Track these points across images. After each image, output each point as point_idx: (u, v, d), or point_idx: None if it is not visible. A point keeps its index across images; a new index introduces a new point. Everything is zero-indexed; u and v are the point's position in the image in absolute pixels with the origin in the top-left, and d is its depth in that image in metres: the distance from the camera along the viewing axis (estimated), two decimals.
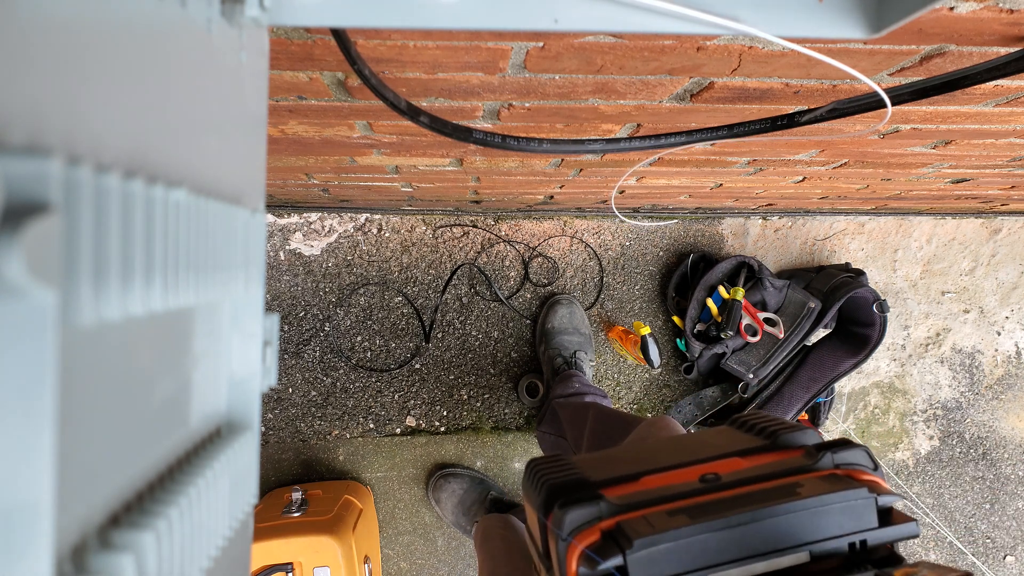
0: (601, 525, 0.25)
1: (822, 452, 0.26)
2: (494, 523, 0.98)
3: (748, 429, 0.31)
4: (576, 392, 1.08)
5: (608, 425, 0.85)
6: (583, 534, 0.25)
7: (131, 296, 0.13)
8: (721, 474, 0.26)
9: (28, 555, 0.10)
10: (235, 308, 0.22)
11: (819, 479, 0.25)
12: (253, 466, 0.22)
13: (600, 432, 0.86)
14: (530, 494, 0.30)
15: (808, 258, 1.36)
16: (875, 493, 0.24)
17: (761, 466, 0.27)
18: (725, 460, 0.27)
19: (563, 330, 1.21)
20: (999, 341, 1.44)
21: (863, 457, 0.26)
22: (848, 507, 0.23)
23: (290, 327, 1.22)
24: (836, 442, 0.26)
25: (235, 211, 0.19)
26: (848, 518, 0.23)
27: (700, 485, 0.26)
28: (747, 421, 0.31)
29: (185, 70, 0.18)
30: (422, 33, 0.40)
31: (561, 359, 1.18)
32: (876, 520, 0.24)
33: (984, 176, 0.94)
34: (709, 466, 0.27)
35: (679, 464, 0.28)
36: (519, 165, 0.81)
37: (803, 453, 0.27)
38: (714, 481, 0.26)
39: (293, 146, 0.69)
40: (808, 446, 0.27)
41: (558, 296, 1.26)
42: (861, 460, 0.26)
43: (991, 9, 0.37)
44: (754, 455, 0.27)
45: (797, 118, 0.40)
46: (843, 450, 0.26)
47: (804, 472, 0.26)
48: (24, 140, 0.11)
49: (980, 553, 1.45)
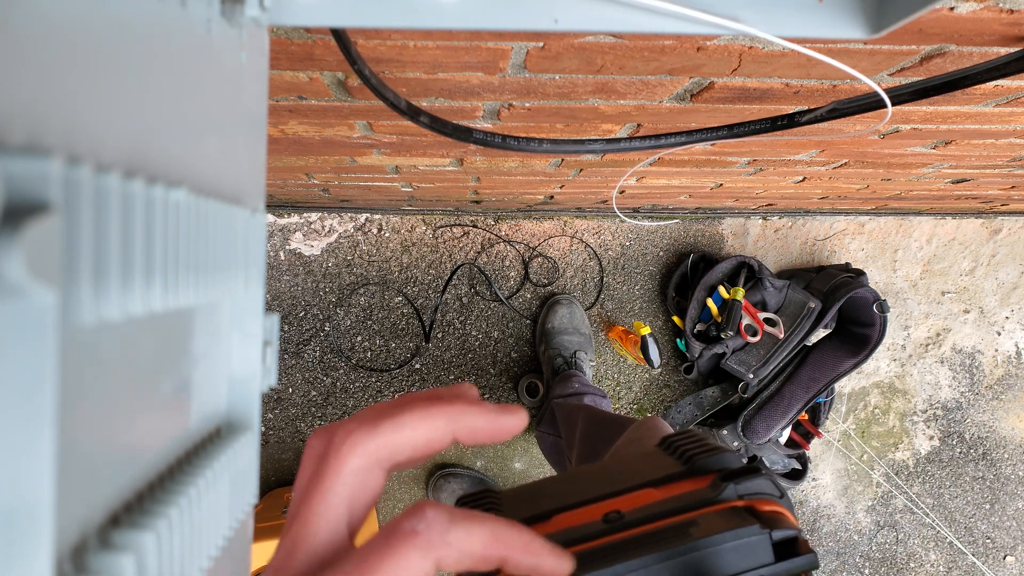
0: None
1: (726, 482, 0.24)
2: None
3: (672, 451, 0.29)
4: (575, 392, 1.08)
5: (599, 428, 0.85)
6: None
7: (131, 296, 0.13)
8: (624, 512, 0.25)
9: (28, 555, 0.10)
10: (235, 308, 0.22)
11: (716, 514, 0.24)
12: (253, 466, 0.22)
13: (591, 434, 0.86)
14: None
15: (808, 258, 1.36)
16: (771, 527, 0.23)
17: (666, 500, 0.25)
18: (638, 492, 0.26)
19: (563, 330, 1.21)
20: (999, 341, 1.44)
21: (767, 486, 0.24)
22: (740, 545, 0.22)
23: (290, 327, 1.22)
24: (743, 470, 0.25)
25: (235, 211, 0.19)
26: (742, 556, 0.22)
27: (602, 526, 0.24)
28: (674, 442, 0.29)
29: (185, 70, 0.18)
30: (422, 33, 0.40)
31: (561, 359, 1.18)
32: (771, 556, 0.23)
33: (984, 176, 0.94)
34: (617, 501, 0.26)
35: (592, 499, 0.26)
36: (519, 165, 0.81)
37: (710, 483, 0.25)
38: (616, 520, 0.24)
39: (293, 146, 0.69)
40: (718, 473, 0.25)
41: (558, 296, 1.26)
42: (765, 489, 0.24)
43: (991, 9, 0.37)
44: (668, 484, 0.26)
45: (797, 118, 0.40)
46: (747, 479, 0.24)
47: (706, 505, 0.25)
48: (24, 140, 0.11)
49: (980, 553, 1.45)
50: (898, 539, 1.43)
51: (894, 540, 1.43)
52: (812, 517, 1.41)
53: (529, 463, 1.30)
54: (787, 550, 0.23)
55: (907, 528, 1.44)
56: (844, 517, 1.42)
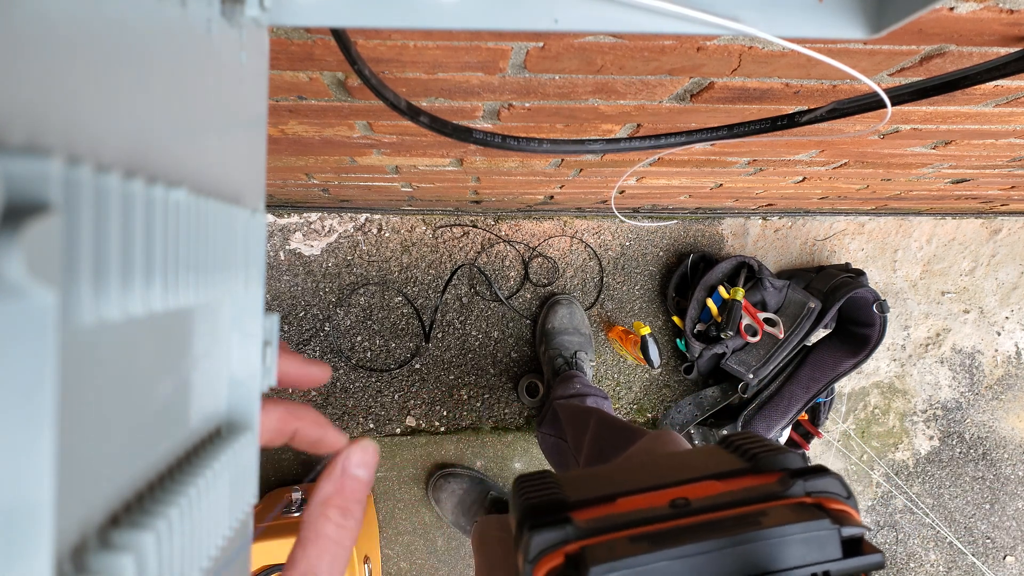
0: (566, 549, 0.25)
1: (795, 479, 0.25)
2: (491, 524, 0.98)
3: (734, 450, 0.30)
4: (577, 393, 1.08)
5: (611, 433, 0.85)
6: (548, 558, 0.25)
7: (131, 296, 0.13)
8: (691, 499, 0.26)
9: (28, 555, 0.10)
10: (235, 308, 0.22)
11: (786, 508, 0.25)
12: (253, 466, 0.22)
13: (602, 439, 0.86)
14: (512, 513, 0.31)
15: (808, 258, 1.36)
16: (840, 524, 0.24)
17: (733, 491, 0.27)
18: (701, 483, 0.27)
19: (563, 330, 1.21)
20: (999, 341, 1.44)
21: (836, 485, 0.25)
22: (810, 538, 0.23)
23: (290, 327, 1.22)
24: (811, 468, 0.26)
25: (235, 211, 0.20)
26: (810, 549, 0.23)
27: (669, 510, 0.25)
28: (734, 441, 0.31)
29: (185, 70, 0.18)
30: (422, 33, 0.40)
31: (562, 359, 1.18)
32: (840, 551, 0.24)
33: (984, 176, 0.94)
34: (682, 490, 0.27)
35: (655, 486, 0.27)
36: (519, 165, 0.81)
37: (778, 479, 0.26)
38: (683, 506, 0.25)
39: (293, 146, 0.69)
40: (785, 471, 0.26)
41: (558, 296, 1.26)
42: (833, 488, 0.25)
43: (991, 9, 0.37)
44: (732, 478, 0.27)
45: (797, 118, 0.40)
46: (816, 478, 0.26)
47: (774, 499, 0.25)
48: (24, 140, 0.11)
49: (980, 553, 1.45)
50: (898, 539, 1.43)
51: (894, 540, 1.43)
52: None
53: (529, 463, 1.30)
54: (854, 548, 0.24)
55: (907, 528, 1.44)
56: None
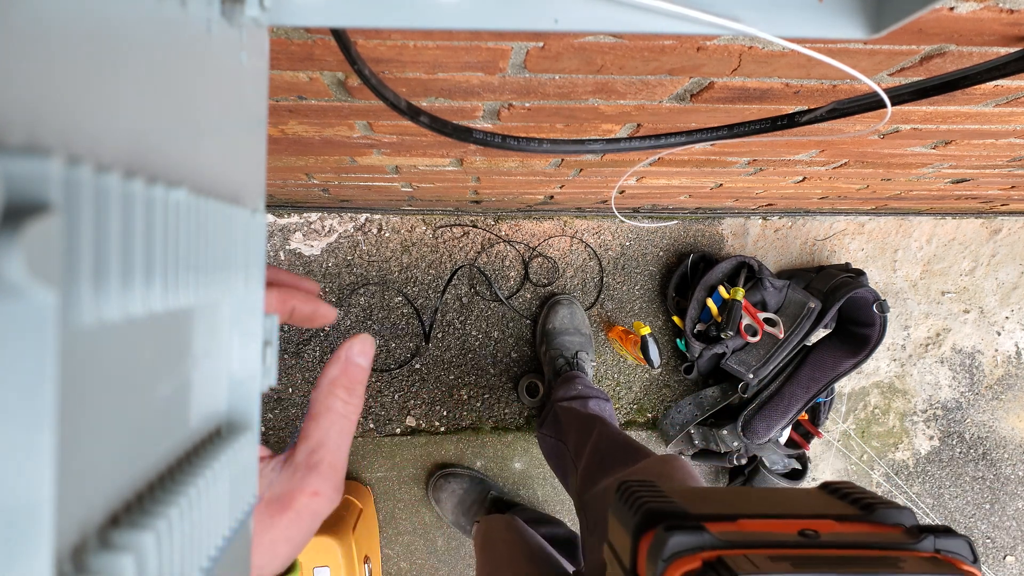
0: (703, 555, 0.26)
1: (924, 534, 0.26)
2: (497, 525, 0.98)
3: (842, 496, 0.32)
4: (579, 395, 1.08)
5: (614, 447, 0.84)
6: (683, 560, 0.26)
7: (131, 296, 0.13)
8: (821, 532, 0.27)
9: (28, 555, 0.10)
10: (235, 308, 0.22)
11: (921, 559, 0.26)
12: (253, 466, 0.22)
13: (604, 451, 0.85)
14: (623, 514, 0.32)
15: (808, 258, 1.36)
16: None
17: (859, 533, 0.28)
18: (821, 520, 0.28)
19: (564, 330, 1.21)
20: (999, 341, 1.44)
21: (964, 548, 0.27)
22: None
23: (290, 327, 1.22)
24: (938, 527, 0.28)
25: (235, 211, 0.20)
26: None
27: (800, 539, 0.26)
28: (840, 488, 0.33)
29: (185, 70, 0.18)
30: (422, 33, 0.40)
31: (563, 360, 1.18)
32: None
33: (984, 176, 0.94)
34: (806, 523, 0.28)
35: (775, 515, 0.29)
36: (519, 165, 0.81)
37: (902, 531, 0.27)
38: (814, 537, 0.27)
39: (293, 146, 0.69)
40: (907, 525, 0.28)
41: (558, 296, 1.26)
42: (962, 550, 0.26)
43: (991, 9, 0.37)
44: (849, 522, 0.28)
45: (797, 118, 0.40)
46: (946, 537, 0.27)
47: (903, 549, 0.27)
48: (24, 140, 0.11)
49: (980, 553, 1.45)
50: None
51: None
52: None
53: (529, 463, 1.30)
54: None
55: None
56: None
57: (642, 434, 1.33)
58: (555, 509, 1.31)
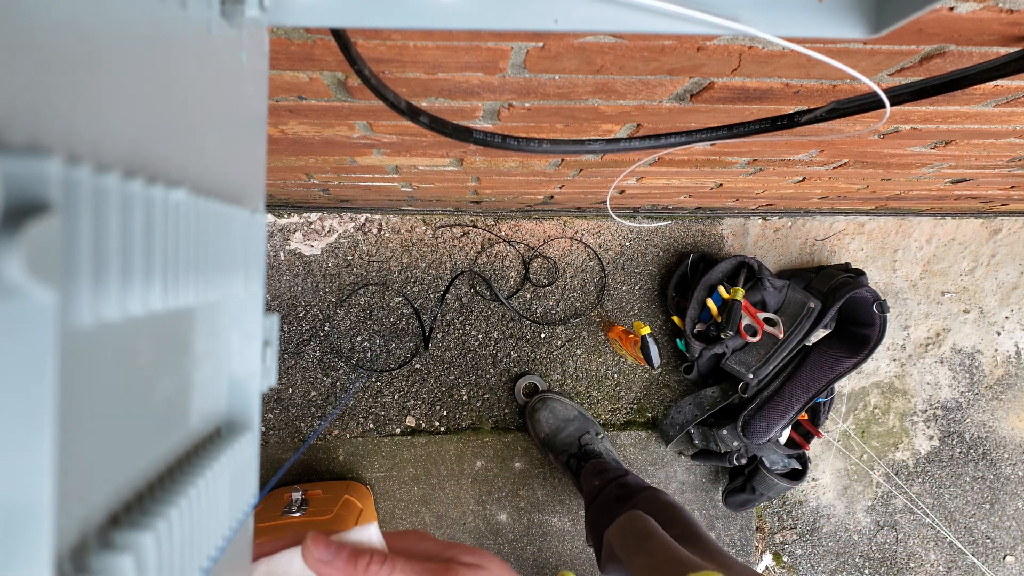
0: None
1: None
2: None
3: None
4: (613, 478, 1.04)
5: None
6: None
7: (131, 296, 0.13)
8: None
9: (28, 555, 0.10)
10: (235, 308, 0.22)
11: None
12: (253, 466, 0.22)
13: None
14: None
15: (808, 258, 1.36)
16: None
17: None
18: None
19: (555, 431, 1.20)
20: (999, 341, 1.44)
21: None
22: None
23: (290, 327, 1.22)
24: None
25: (235, 211, 0.20)
26: None
27: None
28: None
29: (185, 70, 0.18)
30: (422, 33, 0.40)
31: (571, 457, 1.17)
32: None
33: (984, 176, 0.94)
34: None
35: None
36: (519, 165, 0.81)
37: None
38: None
39: (293, 146, 0.69)
40: None
41: (529, 403, 1.24)
42: None
43: (991, 9, 0.37)
44: None
45: (797, 118, 0.40)
46: None
47: None
48: (24, 140, 0.11)
49: (980, 553, 1.46)
50: (898, 539, 1.43)
51: (894, 540, 1.43)
52: (812, 517, 1.41)
53: (529, 463, 1.30)
54: None
55: (907, 528, 1.44)
56: (844, 517, 1.42)
57: (642, 434, 1.33)
58: (555, 509, 1.31)
